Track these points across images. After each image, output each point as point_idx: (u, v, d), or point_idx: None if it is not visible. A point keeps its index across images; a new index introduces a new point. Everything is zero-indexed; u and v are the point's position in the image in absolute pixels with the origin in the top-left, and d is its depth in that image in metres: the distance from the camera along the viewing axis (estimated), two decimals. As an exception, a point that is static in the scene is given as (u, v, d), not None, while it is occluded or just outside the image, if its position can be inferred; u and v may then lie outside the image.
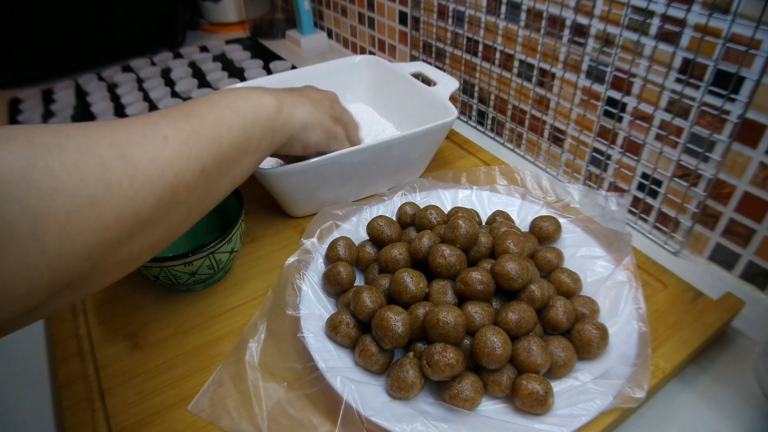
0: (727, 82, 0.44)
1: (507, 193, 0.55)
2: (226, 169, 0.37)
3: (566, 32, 0.57)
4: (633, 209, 0.57)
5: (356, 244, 0.48)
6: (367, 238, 0.50)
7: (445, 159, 0.66)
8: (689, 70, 0.47)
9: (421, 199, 0.54)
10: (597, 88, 0.56)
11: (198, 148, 0.33)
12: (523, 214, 0.53)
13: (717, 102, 0.46)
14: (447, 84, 0.63)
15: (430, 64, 0.79)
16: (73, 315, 0.48)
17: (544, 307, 0.42)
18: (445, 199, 0.55)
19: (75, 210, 0.25)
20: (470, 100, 0.77)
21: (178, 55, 1.03)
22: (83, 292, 0.29)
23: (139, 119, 0.32)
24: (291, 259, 0.47)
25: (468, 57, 0.73)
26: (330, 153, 0.50)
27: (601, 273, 0.46)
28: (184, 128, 0.33)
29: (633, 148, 0.55)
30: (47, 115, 0.84)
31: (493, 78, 0.70)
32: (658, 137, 0.52)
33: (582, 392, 0.37)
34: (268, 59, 0.98)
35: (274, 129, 0.42)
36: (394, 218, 0.51)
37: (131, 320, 0.47)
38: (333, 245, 0.47)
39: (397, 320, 0.38)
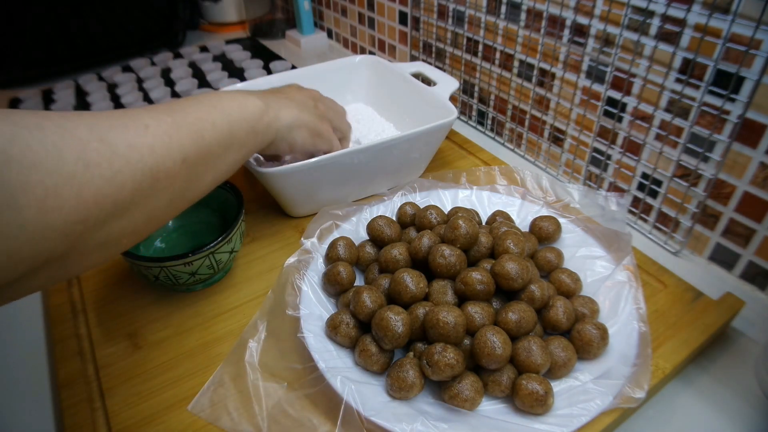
0: (727, 82, 0.44)
1: (507, 193, 0.55)
2: (210, 162, 0.38)
3: (566, 32, 0.57)
4: (633, 209, 0.57)
5: (356, 244, 0.49)
6: (367, 238, 0.50)
7: (445, 159, 0.66)
8: (689, 70, 0.47)
9: (421, 199, 0.54)
10: (597, 88, 0.56)
11: (179, 138, 0.34)
12: (523, 214, 0.53)
13: (717, 102, 0.46)
14: (447, 84, 0.63)
15: (430, 64, 0.79)
16: (73, 315, 0.48)
17: (544, 307, 0.42)
18: (445, 199, 0.55)
19: (53, 186, 0.26)
20: (470, 100, 0.77)
21: (178, 55, 1.03)
22: (65, 270, 0.29)
23: (121, 110, 0.33)
24: (291, 259, 0.47)
25: (468, 57, 0.73)
26: (316, 151, 0.51)
27: (601, 273, 0.46)
28: (165, 120, 0.34)
29: (633, 148, 0.55)
30: (47, 115, 0.83)
31: (493, 78, 0.70)
32: (658, 137, 0.52)
33: (582, 392, 0.37)
34: (268, 59, 0.98)
35: (257, 130, 0.43)
36: (394, 218, 0.51)
37: (131, 320, 0.47)
38: (333, 245, 0.47)
39: (397, 320, 0.38)
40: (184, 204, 0.37)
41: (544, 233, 0.49)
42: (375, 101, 0.70)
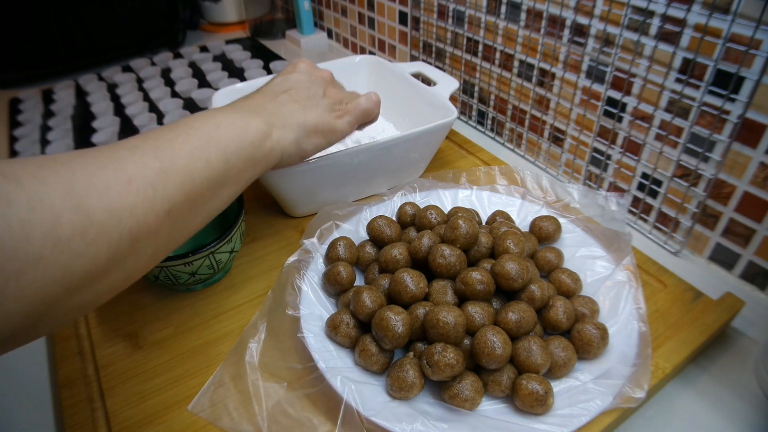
0: (727, 82, 0.44)
1: (507, 193, 0.55)
2: (199, 206, 0.35)
3: (566, 32, 0.57)
4: (633, 209, 0.57)
5: (356, 244, 0.49)
6: (367, 238, 0.50)
7: (445, 159, 0.66)
8: (689, 70, 0.47)
9: (421, 199, 0.54)
10: (597, 88, 0.56)
11: (166, 188, 0.31)
12: (523, 214, 0.53)
13: (717, 102, 0.46)
14: (447, 84, 0.63)
15: (430, 64, 0.79)
16: (73, 315, 0.48)
17: (544, 307, 0.42)
18: (445, 199, 0.55)
19: (16, 272, 0.23)
20: (470, 100, 0.77)
21: (178, 55, 1.03)
22: (37, 334, 0.28)
23: (106, 153, 0.30)
24: (291, 259, 0.47)
25: (468, 57, 0.73)
26: (331, 147, 0.48)
27: (601, 273, 0.46)
28: (152, 167, 0.31)
29: (633, 148, 0.55)
30: (47, 115, 0.84)
31: (493, 78, 0.70)
32: (658, 137, 0.52)
33: (582, 392, 0.37)
34: (268, 59, 0.98)
35: (257, 158, 0.39)
36: (394, 218, 0.51)
37: (131, 320, 0.47)
38: (333, 245, 0.47)
39: (397, 320, 0.38)
40: (168, 252, 0.34)
41: (544, 233, 0.49)
42: (375, 101, 0.70)
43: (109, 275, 0.28)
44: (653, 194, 0.55)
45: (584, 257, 0.48)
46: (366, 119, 0.49)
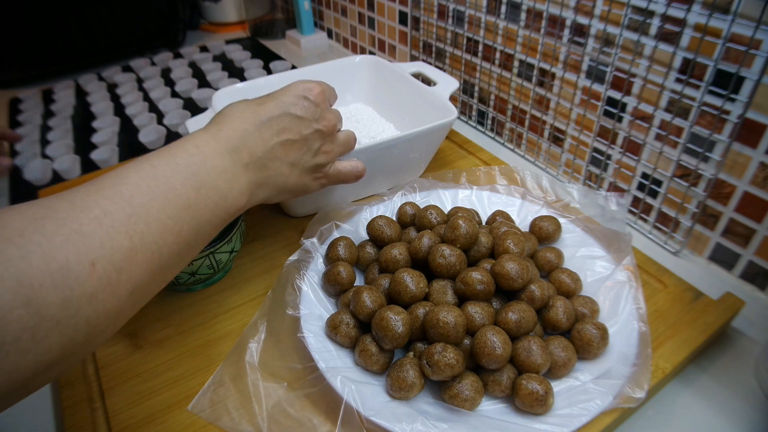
0: (727, 82, 0.44)
1: (507, 193, 0.55)
2: (165, 276, 0.32)
3: (566, 32, 0.57)
4: (633, 209, 0.57)
5: (356, 244, 0.49)
6: (367, 238, 0.50)
7: (445, 159, 0.66)
8: (689, 70, 0.47)
9: (421, 199, 0.54)
10: (597, 88, 0.56)
11: (132, 269, 0.28)
12: (523, 214, 0.53)
13: (717, 102, 0.46)
14: (447, 84, 0.63)
15: (430, 64, 0.79)
16: (73, 315, 0.48)
17: (544, 307, 0.42)
18: (445, 199, 0.55)
19: None
20: (470, 100, 0.77)
21: (178, 55, 1.03)
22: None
23: (70, 221, 0.26)
24: (291, 259, 0.47)
25: (468, 57, 0.73)
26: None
27: (601, 273, 0.46)
28: (121, 246, 0.27)
29: (633, 148, 0.55)
30: (47, 115, 0.84)
31: (493, 78, 0.70)
32: (658, 137, 0.52)
33: (582, 392, 0.37)
34: (268, 59, 0.98)
35: (227, 219, 0.37)
36: (394, 218, 0.51)
37: (131, 320, 0.46)
38: (333, 245, 0.47)
39: (397, 320, 0.38)
40: (123, 323, 0.31)
41: (544, 233, 0.49)
42: (375, 101, 0.70)
43: (61, 364, 0.25)
44: (653, 194, 0.55)
45: (584, 257, 0.48)
46: (339, 183, 0.49)
